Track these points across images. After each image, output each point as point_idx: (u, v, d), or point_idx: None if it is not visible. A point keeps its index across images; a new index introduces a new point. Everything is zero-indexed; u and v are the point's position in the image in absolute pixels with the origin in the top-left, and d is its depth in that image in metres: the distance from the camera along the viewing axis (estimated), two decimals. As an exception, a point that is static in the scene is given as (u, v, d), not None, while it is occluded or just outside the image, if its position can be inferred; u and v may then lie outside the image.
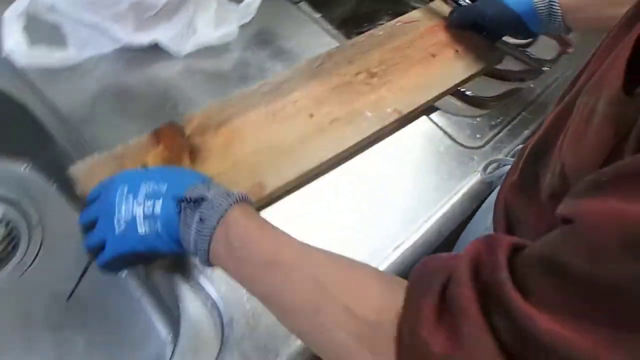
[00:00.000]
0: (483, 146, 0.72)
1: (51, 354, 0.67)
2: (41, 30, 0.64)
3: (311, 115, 0.67)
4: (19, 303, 0.70)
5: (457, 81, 0.75)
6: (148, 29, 0.68)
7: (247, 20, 0.75)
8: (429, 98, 0.71)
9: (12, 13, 0.62)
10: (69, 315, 0.70)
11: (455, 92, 0.79)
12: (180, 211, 0.46)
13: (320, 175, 0.64)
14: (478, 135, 0.73)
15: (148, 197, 0.47)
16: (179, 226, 0.46)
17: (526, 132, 0.75)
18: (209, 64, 0.72)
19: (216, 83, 0.70)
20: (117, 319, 0.70)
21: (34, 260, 0.73)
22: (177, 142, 0.61)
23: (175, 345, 0.54)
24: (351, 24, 0.94)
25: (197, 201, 0.45)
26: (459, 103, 0.87)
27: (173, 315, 0.63)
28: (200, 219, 0.44)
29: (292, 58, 0.75)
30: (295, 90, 0.68)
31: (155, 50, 0.70)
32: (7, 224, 0.76)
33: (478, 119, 0.75)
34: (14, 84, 0.66)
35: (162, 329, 0.69)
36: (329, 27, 0.80)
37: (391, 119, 0.68)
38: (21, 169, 0.78)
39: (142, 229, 0.46)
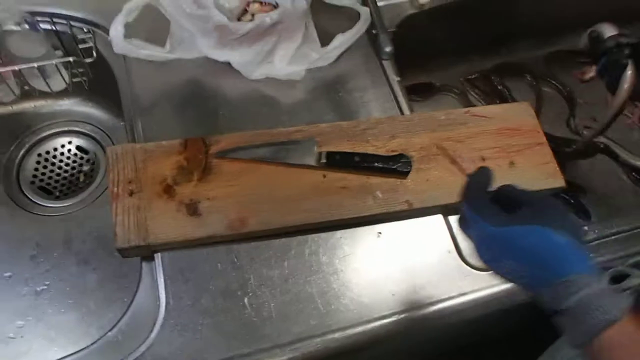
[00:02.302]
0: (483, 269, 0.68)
1: (72, 276, 0.83)
2: (149, 25, 0.77)
3: (324, 176, 0.69)
4: (68, 229, 0.86)
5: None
6: (226, 48, 0.76)
7: (323, 64, 0.79)
8: (448, 202, 0.69)
9: (128, 6, 0.75)
10: (97, 254, 0.85)
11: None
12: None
13: (307, 233, 0.68)
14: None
15: None
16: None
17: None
18: (271, 94, 0.78)
19: (268, 113, 0.76)
20: (130, 272, 0.82)
21: (94, 200, 0.89)
22: (197, 157, 0.70)
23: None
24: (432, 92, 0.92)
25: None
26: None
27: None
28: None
29: (345, 113, 0.77)
30: (325, 146, 0.71)
31: (231, 67, 0.78)
32: (93, 163, 0.94)
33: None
34: (115, 58, 0.80)
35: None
36: (400, 92, 0.80)
37: (398, 208, 0.68)
38: (116, 121, 0.94)
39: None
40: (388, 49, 0.81)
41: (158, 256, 0.66)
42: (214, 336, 0.61)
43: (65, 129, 0.94)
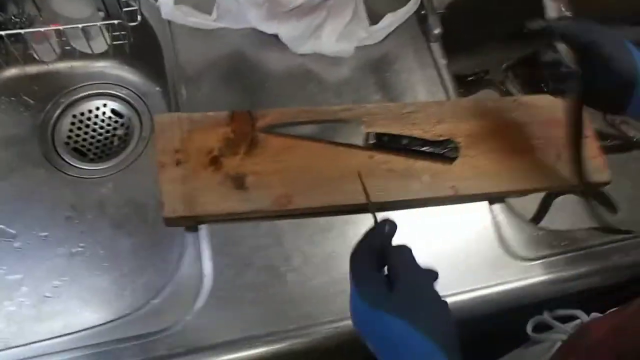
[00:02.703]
0: (533, 260, 0.68)
1: (107, 239, 0.83)
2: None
3: (371, 157, 0.69)
4: (103, 192, 0.86)
5: (536, 187, 0.70)
6: (276, 21, 0.75)
7: (371, 43, 0.78)
8: (494, 190, 0.69)
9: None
10: (131, 219, 0.85)
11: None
12: None
13: (351, 213, 0.68)
14: (533, 248, 0.69)
15: None
16: None
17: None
18: (316, 70, 0.77)
19: (314, 90, 0.76)
20: (165, 240, 0.83)
21: (129, 165, 0.88)
22: (244, 130, 0.69)
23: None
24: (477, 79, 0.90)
25: None
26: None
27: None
28: None
29: (391, 94, 0.76)
30: (371, 126, 0.71)
31: (278, 40, 0.77)
32: (127, 127, 0.93)
33: (541, 232, 0.70)
34: (160, 23, 0.78)
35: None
36: (447, 77, 0.79)
37: (443, 193, 0.68)
38: (154, 87, 0.93)
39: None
40: (437, 30, 0.80)
41: (203, 228, 0.66)
42: (256, 311, 0.62)
43: (101, 91, 0.93)
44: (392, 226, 0.46)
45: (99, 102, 0.93)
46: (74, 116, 0.92)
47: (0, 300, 0.76)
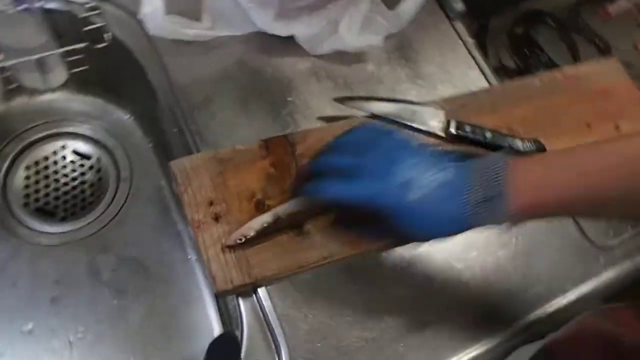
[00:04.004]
0: (614, 248, 0.62)
1: (111, 314, 0.67)
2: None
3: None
4: (91, 257, 0.70)
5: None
6: (289, 19, 0.61)
7: (394, 30, 0.67)
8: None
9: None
10: (134, 281, 0.70)
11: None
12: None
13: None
14: (612, 233, 0.64)
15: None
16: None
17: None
18: (340, 71, 0.65)
19: (344, 93, 0.64)
20: (178, 301, 0.69)
21: (114, 217, 0.72)
22: (285, 160, 0.56)
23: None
24: (507, 52, 0.83)
25: None
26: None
27: (229, 316, 0.61)
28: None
29: (429, 86, 0.67)
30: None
31: (287, 42, 0.64)
32: (99, 170, 0.76)
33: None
34: (140, 44, 0.63)
35: (215, 325, 0.68)
36: (479, 56, 0.70)
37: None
38: (125, 117, 0.76)
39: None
40: (459, 5, 0.70)
41: (261, 290, 0.53)
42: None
43: (57, 131, 0.75)
44: None
45: (56, 145, 0.75)
46: (28, 167, 0.74)
47: None
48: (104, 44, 0.62)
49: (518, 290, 0.58)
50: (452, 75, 0.68)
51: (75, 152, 0.75)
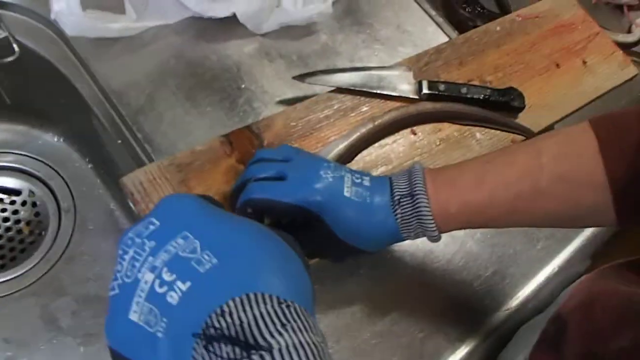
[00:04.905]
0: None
1: (79, 365, 0.59)
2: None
3: (414, 133, 0.55)
4: (44, 304, 0.60)
5: (583, 102, 0.62)
6: (224, -1, 0.54)
7: (339, -5, 0.61)
8: (549, 122, 0.59)
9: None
10: (101, 321, 0.61)
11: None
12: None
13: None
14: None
15: None
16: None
17: None
18: (291, 47, 0.59)
19: (301, 70, 0.57)
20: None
21: (62, 254, 0.63)
22: (253, 153, 0.50)
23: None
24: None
25: None
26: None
27: None
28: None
29: (389, 49, 0.62)
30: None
31: (227, 24, 0.57)
32: (34, 204, 0.66)
33: None
34: (57, 51, 0.54)
35: None
36: (433, 11, 0.66)
37: (505, 143, 0.57)
38: (54, 140, 0.67)
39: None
40: (403, -40, 0.65)
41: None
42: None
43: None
44: None
45: (-25, 186, 0.65)
46: (-53, 217, 0.63)
47: None
48: (12, 57, 0.52)
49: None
50: (411, 34, 0.63)
51: (1, 190, 0.65)
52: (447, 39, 0.65)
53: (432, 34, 0.64)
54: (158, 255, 0.29)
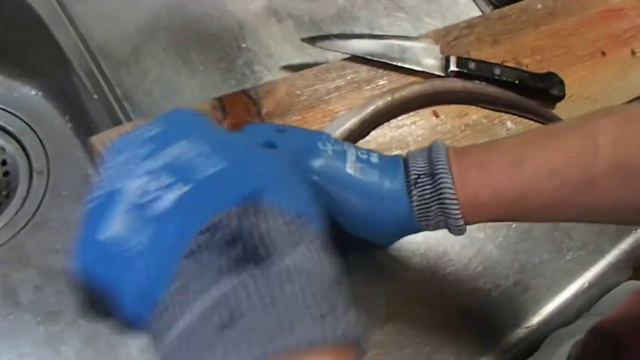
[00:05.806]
0: None
1: (37, 345, 0.52)
2: None
3: (436, 115, 0.48)
4: (4, 274, 0.54)
5: (630, 97, 0.55)
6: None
7: (363, -48, 0.54)
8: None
9: None
10: (66, 300, 0.54)
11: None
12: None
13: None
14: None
15: None
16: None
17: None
18: (303, 8, 0.52)
19: (309, 31, 0.50)
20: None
21: (29, 220, 0.56)
22: (249, 121, 0.43)
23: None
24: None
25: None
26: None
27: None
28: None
29: (414, 20, 0.54)
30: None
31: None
32: (4, 162, 0.59)
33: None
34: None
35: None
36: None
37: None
38: (31, 93, 0.60)
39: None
40: None
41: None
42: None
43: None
44: None
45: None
46: None
47: None
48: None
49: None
50: (439, 5, 0.56)
51: (-31, 145, 0.59)
52: (479, 14, 0.57)
53: (464, 7, 0.57)
54: (157, 156, 0.25)
